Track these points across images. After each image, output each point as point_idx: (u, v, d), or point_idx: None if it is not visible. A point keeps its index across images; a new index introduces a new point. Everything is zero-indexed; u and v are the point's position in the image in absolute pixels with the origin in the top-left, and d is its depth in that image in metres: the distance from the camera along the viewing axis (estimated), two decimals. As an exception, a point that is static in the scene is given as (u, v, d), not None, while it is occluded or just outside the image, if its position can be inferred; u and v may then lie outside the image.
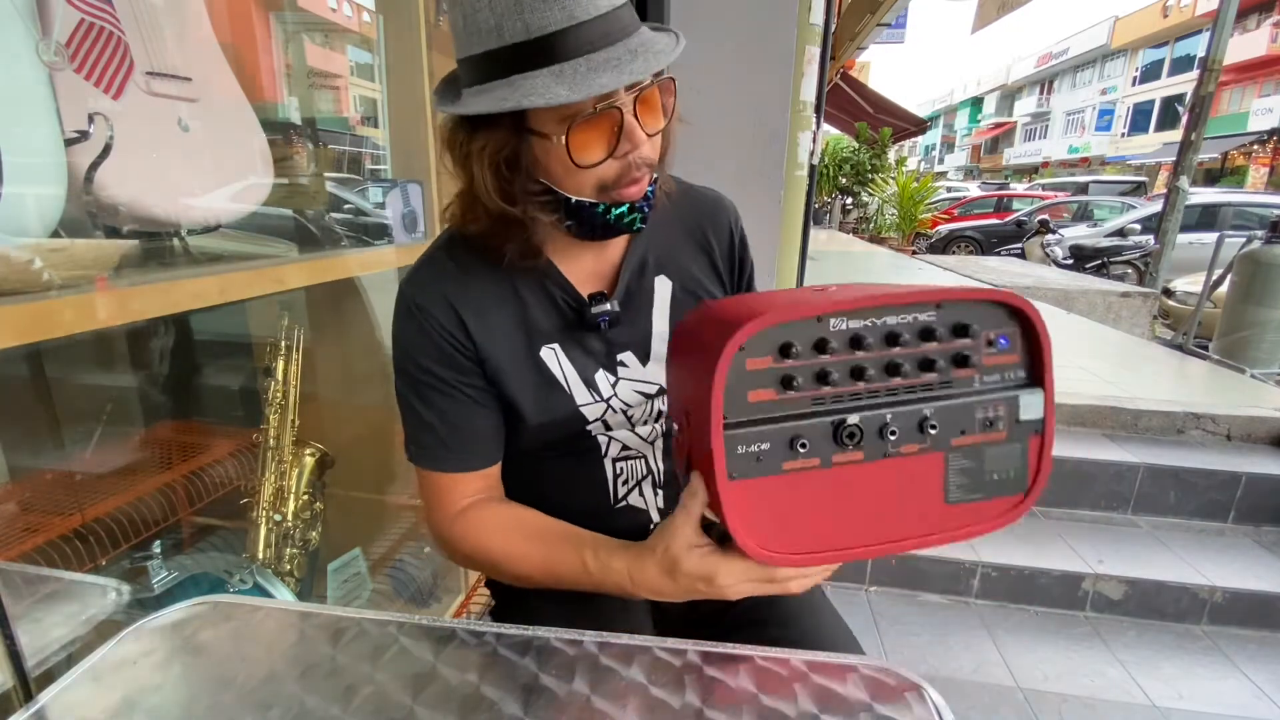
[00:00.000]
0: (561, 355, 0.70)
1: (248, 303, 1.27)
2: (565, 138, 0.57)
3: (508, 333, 0.68)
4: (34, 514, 0.95)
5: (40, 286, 0.68)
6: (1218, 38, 5.37)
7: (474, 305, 0.67)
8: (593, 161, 0.59)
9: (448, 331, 0.66)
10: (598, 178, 0.60)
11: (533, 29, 0.54)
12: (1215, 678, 1.75)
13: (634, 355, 0.73)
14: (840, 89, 10.48)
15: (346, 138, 1.85)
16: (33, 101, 0.70)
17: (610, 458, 0.75)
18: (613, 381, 0.72)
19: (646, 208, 0.65)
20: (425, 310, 0.66)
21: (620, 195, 0.62)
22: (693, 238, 0.77)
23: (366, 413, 1.53)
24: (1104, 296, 5.36)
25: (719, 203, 0.80)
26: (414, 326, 0.67)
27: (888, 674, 0.48)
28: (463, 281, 0.68)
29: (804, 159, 1.86)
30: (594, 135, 0.58)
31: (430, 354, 0.67)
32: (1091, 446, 2.42)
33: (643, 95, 0.59)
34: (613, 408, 0.73)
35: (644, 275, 0.74)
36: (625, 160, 0.60)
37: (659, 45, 0.58)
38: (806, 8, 1.70)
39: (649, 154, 0.61)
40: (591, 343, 0.71)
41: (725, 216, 0.80)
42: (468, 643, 0.53)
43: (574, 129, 0.57)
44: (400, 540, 1.56)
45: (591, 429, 0.73)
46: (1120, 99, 29.04)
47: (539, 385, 0.70)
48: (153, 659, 0.51)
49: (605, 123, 0.58)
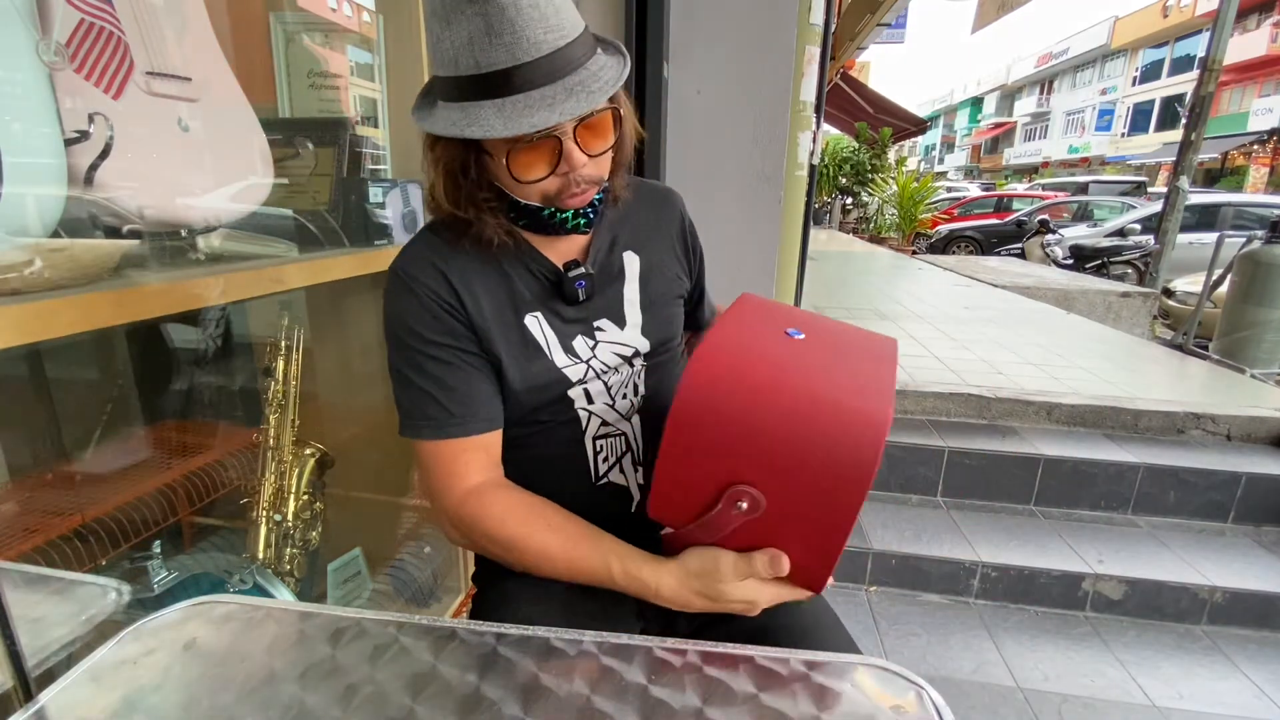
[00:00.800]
0: (544, 322, 0.75)
1: (248, 303, 1.27)
2: (506, 159, 0.64)
3: (494, 302, 0.73)
4: (34, 514, 0.95)
5: (40, 286, 0.68)
6: (1218, 38, 5.37)
7: (461, 275, 0.72)
8: (534, 179, 0.66)
9: (441, 298, 0.70)
10: (541, 190, 0.68)
11: (482, 65, 0.60)
12: (1215, 678, 1.75)
13: (609, 320, 0.79)
14: (840, 89, 10.48)
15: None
16: (33, 101, 0.70)
17: (591, 435, 0.78)
18: (591, 345, 0.77)
19: (591, 214, 0.72)
20: (418, 280, 0.71)
21: (563, 205, 0.69)
22: (652, 225, 0.85)
23: (366, 413, 1.53)
24: (1104, 296, 5.36)
25: (669, 193, 0.89)
26: (410, 298, 0.71)
27: (888, 674, 0.48)
28: (450, 255, 0.72)
29: (804, 159, 1.86)
30: (534, 158, 0.65)
31: (427, 323, 0.70)
32: (1091, 446, 2.42)
33: (585, 122, 0.65)
34: (593, 369, 0.77)
35: (614, 251, 0.80)
36: (566, 178, 0.67)
37: (599, 81, 0.63)
38: (806, 8, 1.71)
39: (592, 173, 0.68)
40: (570, 311, 0.77)
41: (675, 204, 0.88)
42: (468, 643, 0.53)
43: (514, 153, 0.64)
44: (400, 540, 1.56)
45: (573, 395, 0.76)
46: (1120, 99, 29.04)
47: (524, 349, 0.74)
48: (153, 659, 0.51)
49: (545, 147, 0.65)
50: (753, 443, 0.55)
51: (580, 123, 0.64)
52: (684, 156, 1.72)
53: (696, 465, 0.58)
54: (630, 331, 0.79)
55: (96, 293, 0.73)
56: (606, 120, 0.67)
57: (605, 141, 0.69)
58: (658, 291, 0.83)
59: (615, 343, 0.78)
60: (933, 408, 2.70)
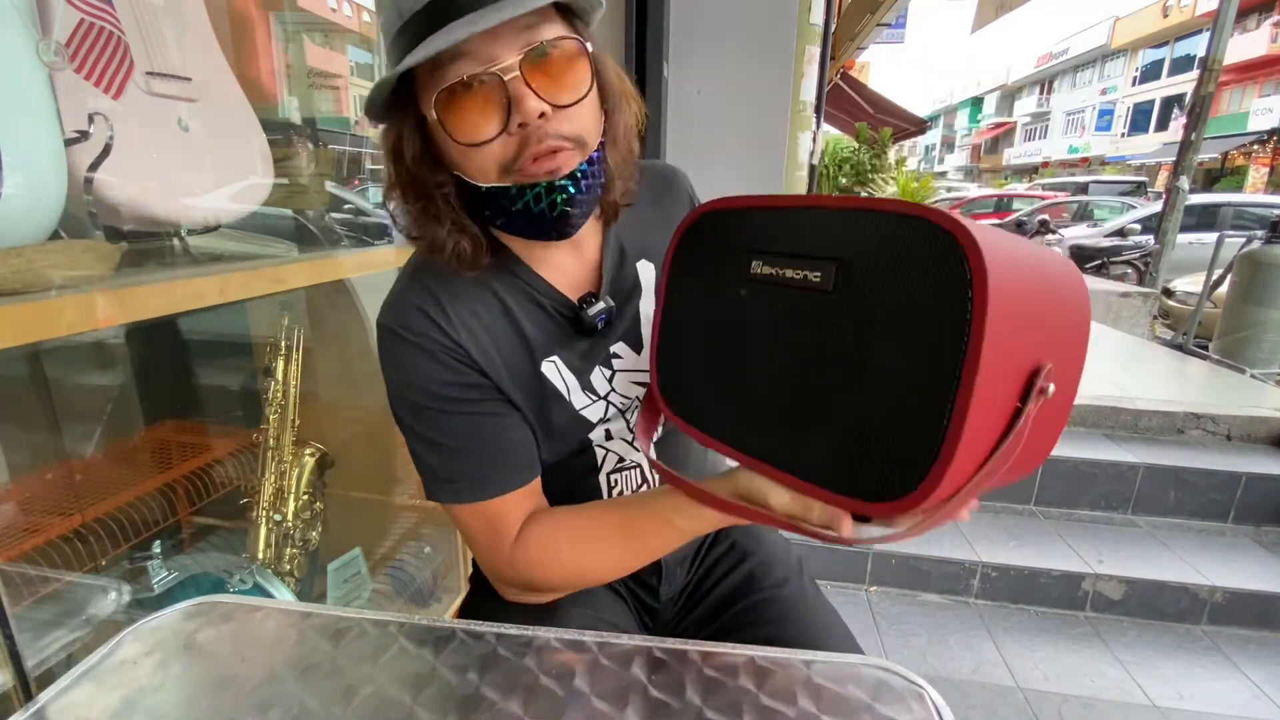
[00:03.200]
0: (562, 365, 0.66)
1: (248, 303, 1.27)
2: (437, 113, 0.53)
3: (506, 353, 0.64)
4: (34, 514, 0.95)
5: (40, 286, 0.68)
6: (1218, 38, 5.37)
7: (463, 325, 0.61)
8: (479, 139, 0.53)
9: (446, 348, 0.60)
10: (496, 159, 0.55)
11: (404, 12, 0.52)
12: (1215, 678, 1.75)
13: (626, 345, 0.70)
14: (840, 89, 10.47)
15: (346, 138, 1.85)
16: (33, 101, 0.70)
17: (606, 471, 0.73)
18: (608, 376, 0.70)
19: (572, 186, 0.56)
20: (414, 331, 0.60)
21: (527, 172, 0.55)
22: (659, 214, 0.73)
23: (366, 413, 1.52)
24: (1104, 296, 5.35)
25: (672, 175, 0.77)
26: (413, 353, 0.60)
27: (888, 674, 0.48)
28: (445, 307, 0.61)
29: (804, 159, 1.86)
30: (474, 108, 0.53)
31: (439, 377, 0.60)
32: (1091, 446, 2.42)
33: (537, 63, 0.52)
34: (611, 403, 0.70)
35: (624, 264, 0.70)
36: (524, 133, 0.53)
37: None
38: (806, 8, 1.71)
39: (561, 127, 0.54)
40: (586, 344, 0.68)
41: (681, 185, 0.77)
42: (468, 643, 0.53)
43: (444, 102, 0.53)
44: (400, 540, 1.56)
45: (593, 438, 0.71)
46: (1120, 99, 29.04)
47: (543, 400, 0.66)
48: (153, 659, 0.51)
49: (486, 94, 0.52)
50: (1045, 306, 0.44)
51: (527, 59, 0.52)
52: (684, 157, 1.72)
53: (1006, 361, 0.40)
54: (647, 355, 0.71)
55: (96, 293, 0.73)
56: (570, 59, 0.54)
57: (569, 87, 0.54)
58: None
59: (633, 370, 0.71)
60: (933, 408, 2.69)
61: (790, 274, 0.47)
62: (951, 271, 0.37)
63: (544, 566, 0.62)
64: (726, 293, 0.52)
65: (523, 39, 0.52)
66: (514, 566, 0.63)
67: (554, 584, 0.65)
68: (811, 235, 0.46)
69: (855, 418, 0.43)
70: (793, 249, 0.47)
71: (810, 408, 0.46)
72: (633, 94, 0.64)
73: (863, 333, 0.42)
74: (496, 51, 0.52)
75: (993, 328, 0.36)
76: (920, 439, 0.38)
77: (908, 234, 0.40)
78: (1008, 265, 0.38)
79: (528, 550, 0.62)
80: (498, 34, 0.51)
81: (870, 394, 0.42)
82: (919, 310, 0.39)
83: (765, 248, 0.50)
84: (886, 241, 0.41)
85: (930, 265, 0.39)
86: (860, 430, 0.42)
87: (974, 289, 0.36)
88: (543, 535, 0.63)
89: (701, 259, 0.56)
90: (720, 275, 0.53)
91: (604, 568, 0.63)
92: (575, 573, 0.63)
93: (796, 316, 0.47)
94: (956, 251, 0.37)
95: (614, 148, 0.61)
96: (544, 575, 0.63)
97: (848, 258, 0.44)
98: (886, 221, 0.41)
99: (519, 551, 0.62)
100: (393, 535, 1.57)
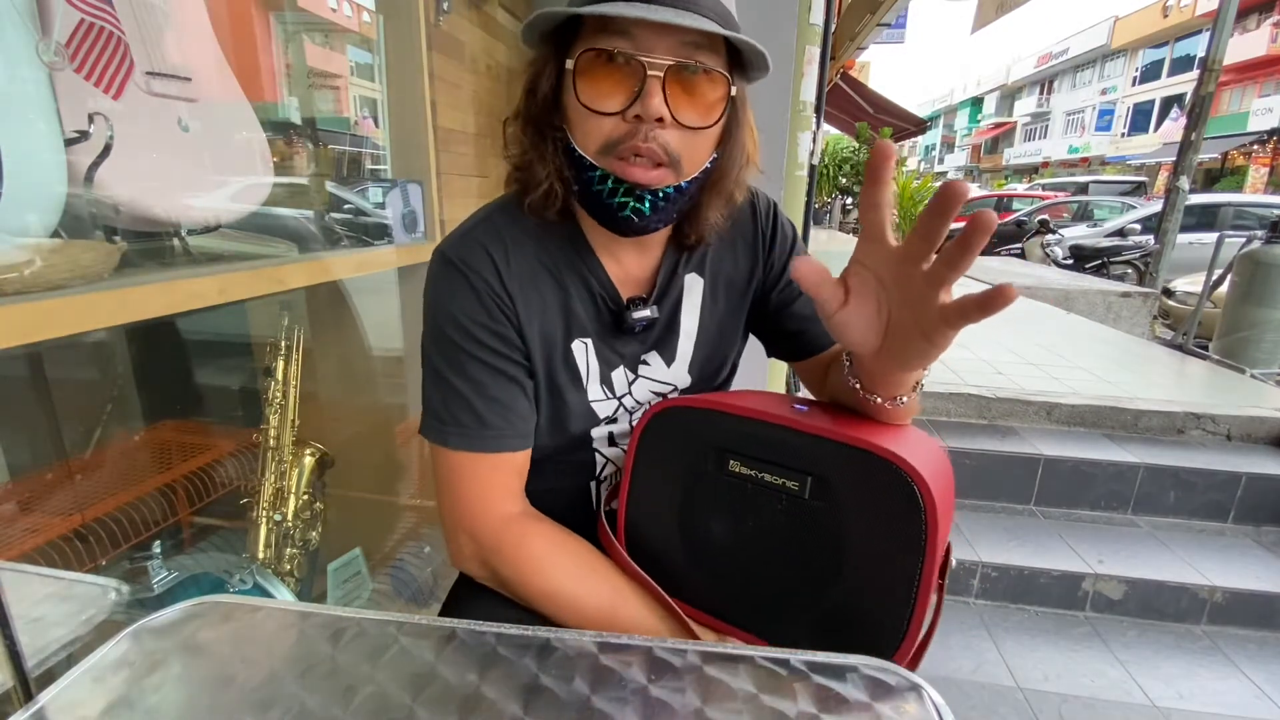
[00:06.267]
0: (591, 350, 0.68)
1: (248, 303, 1.27)
2: (576, 66, 0.57)
3: (546, 315, 0.65)
4: (34, 514, 0.95)
5: (40, 286, 0.68)
6: (1218, 38, 5.36)
7: (519, 274, 0.64)
8: (598, 108, 0.57)
9: (496, 293, 0.62)
10: (604, 134, 0.57)
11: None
12: (1215, 678, 1.75)
13: (659, 355, 0.71)
14: (840, 89, 10.47)
15: (346, 138, 1.86)
16: (33, 101, 0.70)
17: (598, 479, 0.73)
18: (630, 380, 0.70)
19: (649, 203, 0.59)
20: (472, 267, 0.62)
21: (621, 163, 0.58)
22: (725, 238, 0.74)
23: (366, 413, 1.53)
24: (1104, 296, 5.36)
25: (753, 198, 0.76)
26: (462, 287, 0.62)
27: (888, 674, 0.48)
28: (510, 250, 0.64)
29: (804, 159, 1.86)
30: (609, 79, 0.56)
31: (478, 318, 0.62)
32: (1091, 446, 2.42)
33: (682, 75, 0.56)
34: (624, 405, 0.70)
35: (676, 273, 0.71)
36: (635, 125, 0.56)
37: (721, 18, 0.56)
38: (806, 8, 1.70)
39: (670, 140, 0.57)
40: (621, 343, 0.69)
41: (749, 205, 0.75)
42: (468, 643, 0.53)
43: (588, 61, 0.56)
44: (400, 540, 1.56)
45: (595, 435, 0.71)
46: (1120, 99, 29.04)
47: (562, 377, 0.67)
48: (153, 659, 0.51)
49: (624, 74, 0.56)
50: (949, 496, 0.58)
51: (676, 68, 0.55)
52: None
53: (938, 554, 0.55)
54: (677, 368, 0.72)
55: (96, 293, 0.73)
56: (710, 89, 0.57)
57: (697, 111, 0.57)
58: (718, 321, 0.74)
59: (656, 380, 0.71)
60: (933, 407, 2.70)
61: (768, 478, 0.59)
62: (908, 498, 0.52)
63: (530, 565, 0.63)
64: (703, 482, 0.62)
65: (684, 51, 0.56)
66: (502, 536, 0.63)
67: (521, 588, 0.64)
68: (784, 450, 0.58)
69: (834, 602, 0.56)
70: (767, 457, 0.59)
71: (792, 588, 0.58)
72: (753, 156, 0.67)
73: (839, 536, 0.56)
74: (658, 47, 0.55)
75: (935, 537, 0.52)
76: (891, 622, 0.54)
77: (866, 460, 0.54)
78: (933, 476, 0.52)
79: (530, 546, 0.63)
80: (669, 33, 0.55)
81: (849, 584, 0.56)
82: (887, 524, 0.54)
83: (739, 450, 0.60)
84: (850, 463, 0.55)
85: (891, 489, 0.53)
86: (838, 611, 0.56)
87: (926, 514, 0.52)
88: (550, 546, 0.64)
89: (669, 446, 0.65)
90: (695, 465, 0.63)
91: (571, 609, 0.62)
92: (549, 595, 0.63)
93: (775, 513, 0.59)
94: (907, 482, 0.52)
95: (713, 189, 0.65)
96: (519, 574, 0.63)
97: (822, 475, 0.56)
98: (845, 450, 0.55)
99: (514, 532, 0.63)
100: (393, 535, 1.57)
